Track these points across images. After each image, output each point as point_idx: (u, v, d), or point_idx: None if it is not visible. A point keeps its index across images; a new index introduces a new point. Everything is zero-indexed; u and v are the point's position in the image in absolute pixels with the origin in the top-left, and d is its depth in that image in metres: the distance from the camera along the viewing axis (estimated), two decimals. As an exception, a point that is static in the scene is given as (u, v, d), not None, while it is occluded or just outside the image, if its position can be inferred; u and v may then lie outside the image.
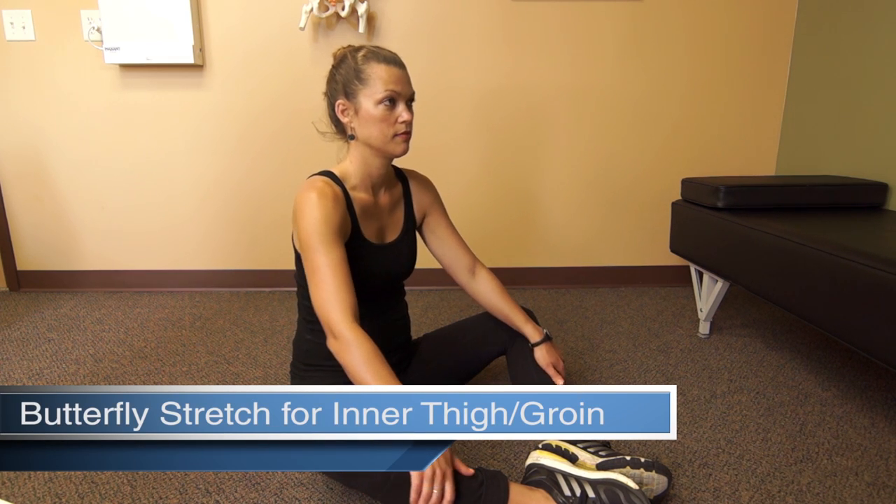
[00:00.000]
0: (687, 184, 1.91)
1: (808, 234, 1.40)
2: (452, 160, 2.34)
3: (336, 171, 1.15)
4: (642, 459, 1.05)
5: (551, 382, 1.23)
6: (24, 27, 2.16)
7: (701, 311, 1.90)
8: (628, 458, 1.06)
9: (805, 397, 1.50)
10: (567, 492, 0.98)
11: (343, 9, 2.07)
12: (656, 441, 1.28)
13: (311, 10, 2.08)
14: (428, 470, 0.90)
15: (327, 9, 2.09)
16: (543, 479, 1.01)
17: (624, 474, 1.02)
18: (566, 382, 1.29)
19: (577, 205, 2.41)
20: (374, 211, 1.19)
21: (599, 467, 1.05)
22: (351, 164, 1.16)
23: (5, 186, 2.33)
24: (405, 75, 1.12)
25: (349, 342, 0.97)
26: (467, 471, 0.95)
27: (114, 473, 1.16)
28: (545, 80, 2.27)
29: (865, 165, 1.90)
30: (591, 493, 0.98)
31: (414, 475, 0.90)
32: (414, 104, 1.14)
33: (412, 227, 1.28)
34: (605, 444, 1.14)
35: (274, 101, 2.26)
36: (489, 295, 1.31)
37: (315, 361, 1.19)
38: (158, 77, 2.22)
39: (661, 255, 2.46)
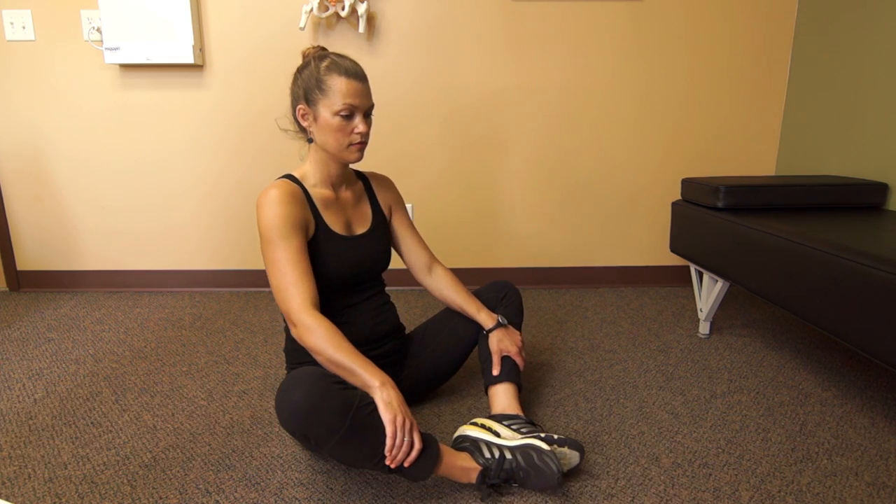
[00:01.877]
0: (687, 184, 1.91)
1: (808, 234, 1.40)
2: (452, 159, 2.34)
3: (296, 174, 1.22)
4: (555, 436, 1.12)
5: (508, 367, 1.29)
6: (24, 27, 2.16)
7: (701, 311, 1.90)
8: (543, 434, 1.13)
9: (805, 397, 1.50)
10: (487, 454, 1.09)
11: (343, 9, 2.07)
12: (655, 440, 1.28)
13: (311, 10, 2.08)
14: (399, 417, 0.96)
15: (327, 9, 2.09)
16: (468, 445, 1.12)
17: None
18: (526, 364, 1.34)
19: (577, 205, 2.41)
20: (337, 204, 1.25)
21: (519, 440, 1.12)
22: (311, 164, 1.23)
23: (5, 186, 2.33)
24: (365, 88, 1.16)
25: (308, 326, 1.04)
26: None
27: (114, 473, 1.16)
28: (545, 80, 2.27)
29: (865, 165, 1.90)
30: (508, 456, 1.08)
31: (388, 424, 0.95)
32: (372, 115, 1.22)
33: (381, 221, 1.33)
34: (529, 423, 1.20)
35: (274, 101, 2.26)
36: (444, 289, 1.38)
37: (304, 358, 1.23)
38: (158, 77, 2.22)
39: (661, 255, 2.46)
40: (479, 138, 2.32)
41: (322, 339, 1.02)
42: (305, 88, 1.16)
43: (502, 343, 1.30)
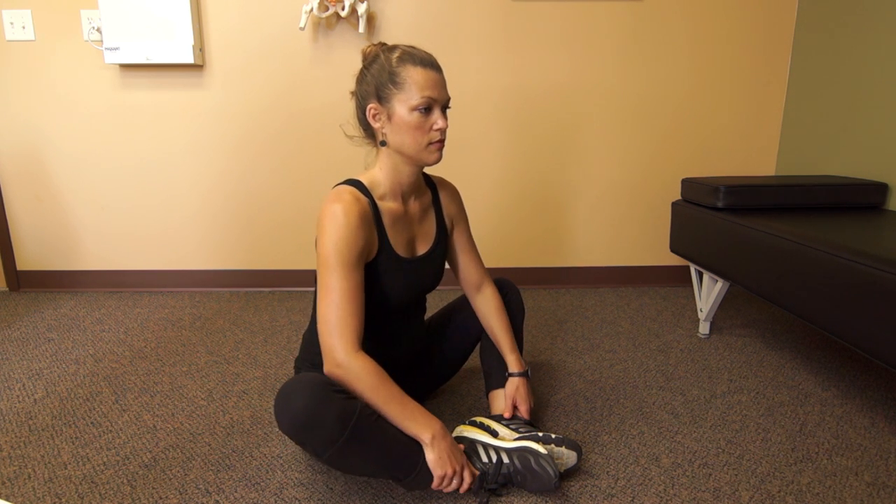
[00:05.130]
0: (687, 184, 1.91)
1: (808, 234, 1.40)
2: (449, 161, 2.34)
3: (364, 180, 1.10)
4: (553, 436, 1.11)
5: (502, 371, 1.29)
6: (24, 27, 2.16)
7: (701, 311, 1.90)
8: (541, 434, 1.12)
9: (805, 397, 1.50)
10: (485, 458, 1.09)
11: (343, 9, 2.07)
12: (655, 440, 1.28)
13: (311, 10, 2.08)
14: (448, 472, 1.00)
15: (327, 9, 2.09)
16: (465, 448, 1.10)
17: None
18: (532, 418, 1.35)
19: (576, 205, 2.41)
20: (405, 221, 1.15)
21: (516, 440, 1.12)
22: (380, 171, 1.11)
23: (5, 186, 2.33)
24: (442, 79, 1.05)
25: (355, 372, 0.97)
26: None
27: (114, 473, 1.16)
28: (545, 81, 2.27)
29: (865, 165, 1.90)
30: (505, 459, 1.08)
31: (436, 479, 1.00)
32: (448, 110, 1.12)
33: (444, 237, 1.24)
34: (528, 423, 1.20)
35: (274, 101, 2.26)
36: (487, 317, 1.30)
37: (316, 359, 1.20)
38: (158, 77, 2.22)
39: (661, 255, 2.46)
40: (476, 138, 2.32)
41: (369, 387, 0.96)
42: (377, 84, 1.05)
43: (519, 392, 1.24)
